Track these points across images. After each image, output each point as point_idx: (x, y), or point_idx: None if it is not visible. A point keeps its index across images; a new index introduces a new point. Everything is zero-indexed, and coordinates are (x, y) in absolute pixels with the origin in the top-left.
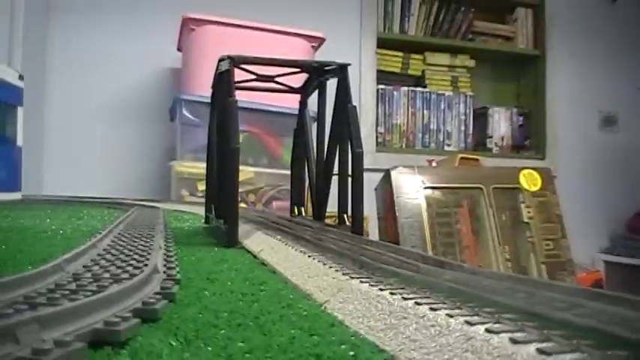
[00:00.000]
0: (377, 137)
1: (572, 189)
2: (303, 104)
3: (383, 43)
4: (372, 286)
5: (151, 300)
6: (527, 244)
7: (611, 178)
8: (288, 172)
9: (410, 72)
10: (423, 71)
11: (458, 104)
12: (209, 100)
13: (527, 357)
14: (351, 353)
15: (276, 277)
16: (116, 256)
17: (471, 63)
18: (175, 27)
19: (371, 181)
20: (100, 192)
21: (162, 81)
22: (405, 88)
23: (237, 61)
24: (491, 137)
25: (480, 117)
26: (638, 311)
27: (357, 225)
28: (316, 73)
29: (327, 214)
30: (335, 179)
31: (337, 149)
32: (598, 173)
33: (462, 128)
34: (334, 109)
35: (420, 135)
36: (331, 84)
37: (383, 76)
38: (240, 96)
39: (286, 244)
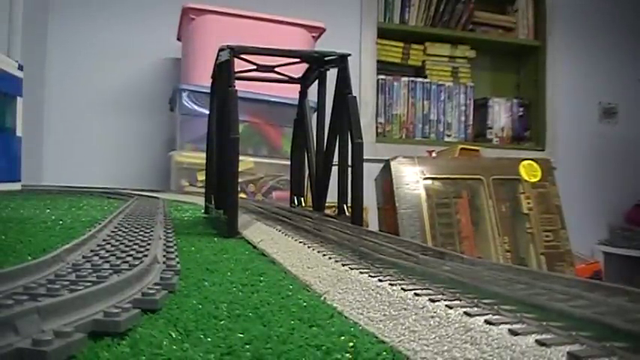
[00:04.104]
0: (377, 128)
1: (572, 180)
2: (303, 94)
3: (383, 34)
4: (371, 276)
5: (151, 291)
6: (526, 235)
7: (611, 169)
8: (288, 162)
9: (410, 62)
10: (423, 62)
11: (458, 95)
12: (209, 90)
13: (527, 348)
14: (351, 344)
15: (275, 268)
16: (116, 246)
17: (472, 54)
18: (175, 17)
19: (371, 171)
20: (99, 182)
21: (161, 71)
22: (405, 79)
23: (237, 51)
24: (491, 128)
25: (480, 108)
26: (637, 302)
27: (357, 215)
28: (316, 64)
29: (326, 204)
30: (335, 170)
31: (337, 139)
32: (597, 164)
33: (462, 119)
34: (334, 100)
35: (420, 125)
36: (331, 74)
37: (383, 67)
38: (240, 86)
39: (286, 235)
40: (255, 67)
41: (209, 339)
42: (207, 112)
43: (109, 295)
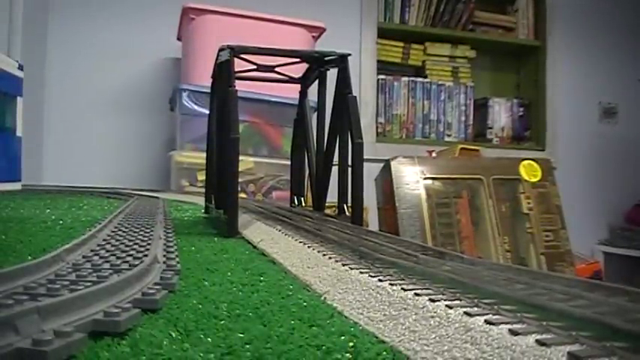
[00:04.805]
0: (377, 127)
1: (572, 180)
2: (303, 94)
3: (383, 33)
4: (371, 276)
5: (151, 290)
6: (526, 235)
7: (611, 169)
8: (288, 162)
9: (410, 62)
10: (423, 62)
11: (458, 95)
12: (209, 90)
13: (527, 348)
14: (351, 344)
15: (275, 268)
16: (116, 246)
17: (472, 53)
18: (175, 17)
19: (371, 171)
20: (99, 182)
21: (162, 71)
22: (406, 79)
23: (237, 51)
24: (491, 128)
25: (480, 108)
26: (637, 302)
27: (357, 215)
28: (316, 63)
29: (326, 204)
30: (335, 169)
31: (337, 139)
32: (597, 164)
33: (462, 119)
34: (334, 100)
35: (420, 125)
36: (331, 74)
37: (383, 67)
38: (240, 86)
39: (286, 235)
40: (255, 67)
41: (209, 339)
42: (207, 112)
43: (109, 295)
